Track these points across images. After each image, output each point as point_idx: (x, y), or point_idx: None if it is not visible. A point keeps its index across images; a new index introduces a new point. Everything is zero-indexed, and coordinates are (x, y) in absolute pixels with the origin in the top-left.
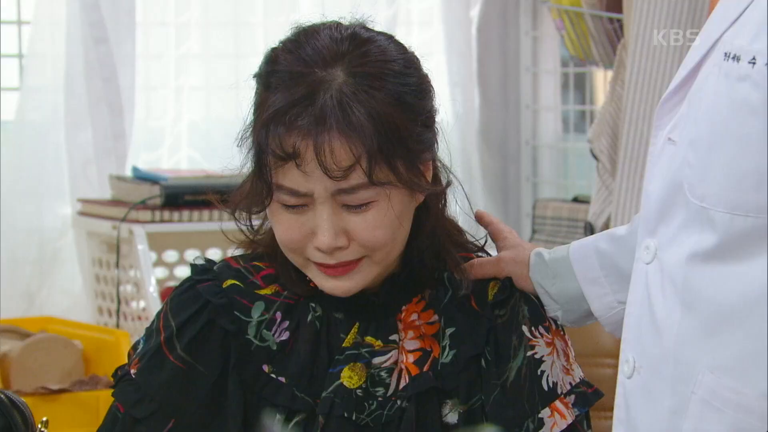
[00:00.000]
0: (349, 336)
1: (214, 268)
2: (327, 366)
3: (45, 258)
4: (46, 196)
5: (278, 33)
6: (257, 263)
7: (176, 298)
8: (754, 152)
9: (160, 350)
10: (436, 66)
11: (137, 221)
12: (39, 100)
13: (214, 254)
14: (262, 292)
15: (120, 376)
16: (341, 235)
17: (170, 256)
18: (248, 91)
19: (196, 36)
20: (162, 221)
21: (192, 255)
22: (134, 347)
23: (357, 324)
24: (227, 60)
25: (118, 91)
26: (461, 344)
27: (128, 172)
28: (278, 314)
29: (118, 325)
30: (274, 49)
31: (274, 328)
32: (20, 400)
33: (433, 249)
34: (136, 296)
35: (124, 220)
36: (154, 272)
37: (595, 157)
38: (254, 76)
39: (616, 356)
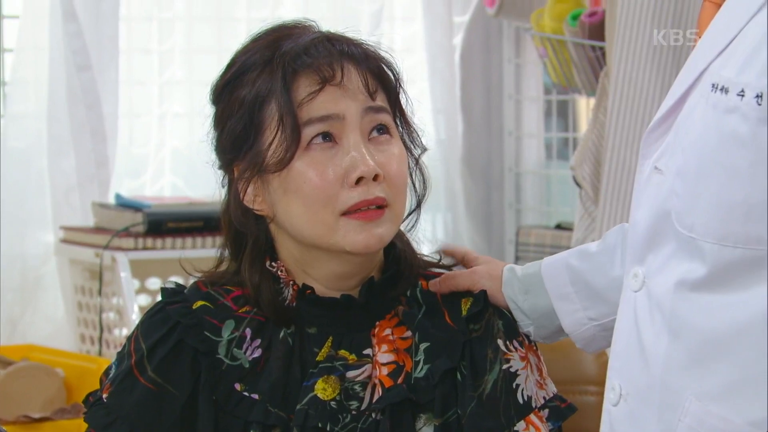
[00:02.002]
0: (323, 349)
1: (184, 291)
2: (300, 382)
3: (27, 285)
4: (28, 223)
5: None
6: (227, 287)
7: (147, 321)
8: (742, 184)
9: (131, 373)
10: (419, 93)
11: (120, 248)
12: (22, 127)
13: None
14: (234, 313)
15: (92, 402)
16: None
17: (153, 283)
18: None
19: (179, 63)
20: (145, 248)
21: None
22: (106, 372)
23: (331, 338)
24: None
25: (101, 118)
26: (436, 358)
27: (111, 200)
28: (247, 331)
29: (100, 353)
30: (238, 53)
31: (244, 346)
32: (2, 429)
33: (408, 252)
34: (119, 324)
35: (106, 247)
36: (137, 300)
37: (577, 184)
38: (217, 90)
39: (599, 383)
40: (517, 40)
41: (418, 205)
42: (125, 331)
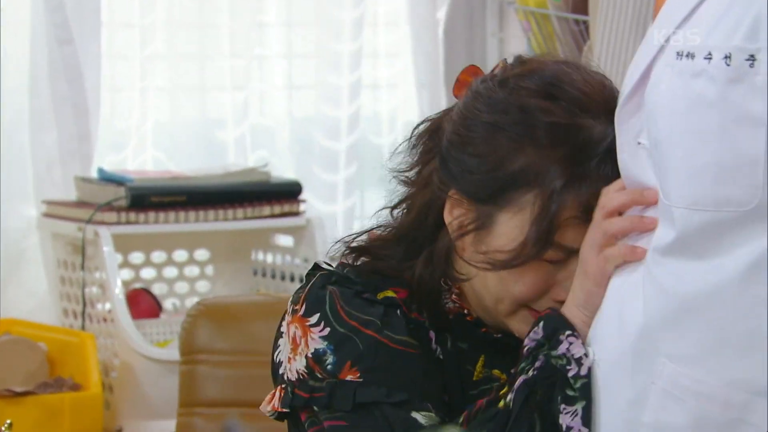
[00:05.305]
0: (477, 369)
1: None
2: (460, 394)
3: (9, 260)
4: (10, 197)
5: (244, 35)
6: (387, 294)
7: (347, 301)
8: (711, 146)
9: (379, 342)
10: (402, 68)
11: (103, 223)
12: (3, 101)
13: (180, 255)
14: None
15: (334, 385)
16: None
17: (136, 257)
18: (214, 92)
19: (162, 37)
20: (128, 223)
21: (158, 256)
22: (316, 359)
23: (482, 357)
24: (193, 61)
25: (83, 92)
26: None
27: (93, 174)
28: (432, 333)
29: (83, 327)
30: (523, 100)
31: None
32: None
33: None
34: (102, 298)
35: (89, 221)
36: (120, 274)
37: None
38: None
39: None
40: (500, 13)
41: None
42: (108, 306)
